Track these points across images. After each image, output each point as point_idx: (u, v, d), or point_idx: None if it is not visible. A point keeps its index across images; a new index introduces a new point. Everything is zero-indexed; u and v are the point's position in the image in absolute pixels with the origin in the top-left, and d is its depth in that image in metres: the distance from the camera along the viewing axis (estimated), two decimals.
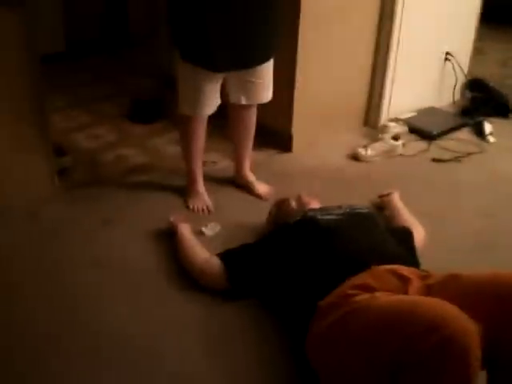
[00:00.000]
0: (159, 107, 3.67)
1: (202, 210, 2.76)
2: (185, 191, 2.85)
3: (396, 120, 3.56)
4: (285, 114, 3.21)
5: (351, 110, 3.56)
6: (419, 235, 2.40)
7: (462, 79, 3.99)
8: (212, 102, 2.59)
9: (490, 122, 3.73)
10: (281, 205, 2.50)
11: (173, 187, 2.91)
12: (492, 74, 4.64)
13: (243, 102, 2.69)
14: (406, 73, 3.57)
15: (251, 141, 2.90)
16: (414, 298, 1.69)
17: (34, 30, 2.51)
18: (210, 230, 2.59)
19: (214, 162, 3.14)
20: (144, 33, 4.73)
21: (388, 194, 2.76)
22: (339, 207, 2.31)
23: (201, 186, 2.83)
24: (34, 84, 2.59)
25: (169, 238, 2.49)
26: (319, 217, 2.20)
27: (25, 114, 2.63)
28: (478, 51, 4.54)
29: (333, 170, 3.16)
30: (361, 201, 2.67)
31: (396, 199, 2.72)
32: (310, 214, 2.25)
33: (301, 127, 3.26)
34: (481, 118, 3.75)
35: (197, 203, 2.78)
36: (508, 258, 2.47)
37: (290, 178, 3.07)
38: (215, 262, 2.22)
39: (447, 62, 3.84)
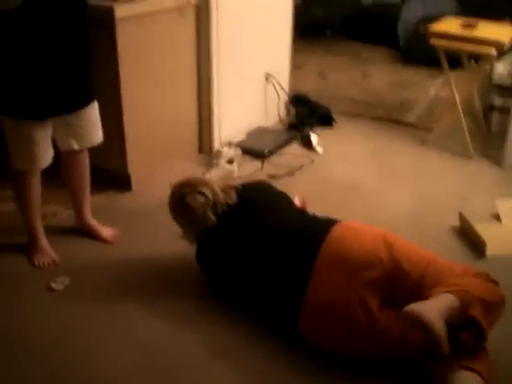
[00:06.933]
0: None
1: (48, 264, 2.70)
2: (27, 248, 2.77)
3: (229, 144, 3.69)
4: (118, 153, 3.21)
5: (185, 140, 3.64)
6: None
7: (284, 96, 4.22)
8: (46, 153, 2.57)
9: (317, 133, 3.98)
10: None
11: (15, 246, 2.82)
12: (312, 87, 4.96)
13: (75, 146, 2.67)
14: (231, 98, 3.72)
15: (88, 186, 2.87)
16: None
17: None
18: (59, 284, 2.55)
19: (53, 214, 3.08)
20: None
21: None
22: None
23: (43, 240, 2.77)
24: None
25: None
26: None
27: None
28: (297, 67, 4.83)
29: None
30: None
31: None
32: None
33: (137, 164, 3.28)
34: (307, 131, 3.98)
35: (41, 258, 2.71)
36: None
37: (133, 216, 3.09)
38: None
39: (269, 82, 4.04)
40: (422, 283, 2.04)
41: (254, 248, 2.31)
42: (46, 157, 2.58)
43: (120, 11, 2.90)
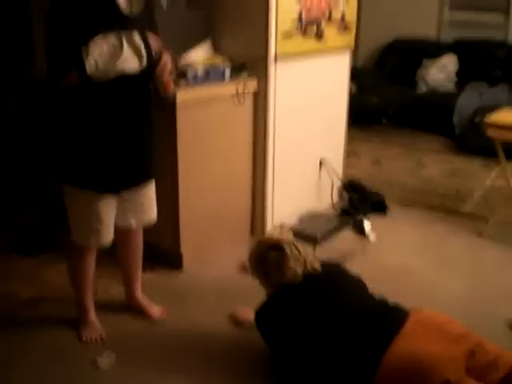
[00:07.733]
0: (45, 237, 3.62)
1: (96, 339, 2.71)
2: (77, 322, 2.79)
3: (280, 227, 3.68)
4: (172, 232, 3.26)
5: (237, 222, 3.67)
6: None
7: (337, 182, 4.24)
8: (110, 231, 2.60)
9: (369, 220, 3.95)
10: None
11: (65, 319, 2.85)
12: (366, 174, 4.98)
13: (133, 223, 2.72)
14: (284, 181, 3.76)
15: (140, 263, 2.92)
16: None
17: None
18: (104, 360, 2.55)
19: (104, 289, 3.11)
20: None
21: None
22: None
23: (92, 315, 2.79)
24: None
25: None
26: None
27: None
28: (352, 153, 4.88)
29: (225, 283, 3.21)
30: None
31: None
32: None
33: (189, 243, 3.32)
34: (360, 217, 3.96)
35: (89, 333, 2.73)
36: None
37: (183, 295, 3.09)
38: None
39: (323, 167, 4.08)
40: (497, 362, 2.18)
41: (333, 315, 2.36)
42: (109, 235, 2.60)
43: (181, 96, 3.02)
